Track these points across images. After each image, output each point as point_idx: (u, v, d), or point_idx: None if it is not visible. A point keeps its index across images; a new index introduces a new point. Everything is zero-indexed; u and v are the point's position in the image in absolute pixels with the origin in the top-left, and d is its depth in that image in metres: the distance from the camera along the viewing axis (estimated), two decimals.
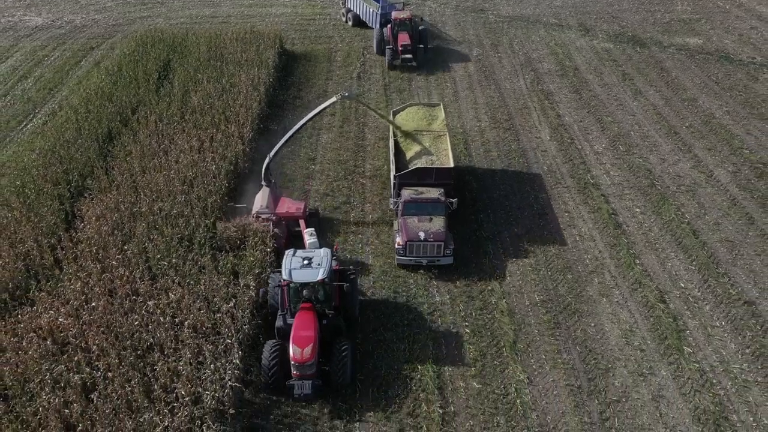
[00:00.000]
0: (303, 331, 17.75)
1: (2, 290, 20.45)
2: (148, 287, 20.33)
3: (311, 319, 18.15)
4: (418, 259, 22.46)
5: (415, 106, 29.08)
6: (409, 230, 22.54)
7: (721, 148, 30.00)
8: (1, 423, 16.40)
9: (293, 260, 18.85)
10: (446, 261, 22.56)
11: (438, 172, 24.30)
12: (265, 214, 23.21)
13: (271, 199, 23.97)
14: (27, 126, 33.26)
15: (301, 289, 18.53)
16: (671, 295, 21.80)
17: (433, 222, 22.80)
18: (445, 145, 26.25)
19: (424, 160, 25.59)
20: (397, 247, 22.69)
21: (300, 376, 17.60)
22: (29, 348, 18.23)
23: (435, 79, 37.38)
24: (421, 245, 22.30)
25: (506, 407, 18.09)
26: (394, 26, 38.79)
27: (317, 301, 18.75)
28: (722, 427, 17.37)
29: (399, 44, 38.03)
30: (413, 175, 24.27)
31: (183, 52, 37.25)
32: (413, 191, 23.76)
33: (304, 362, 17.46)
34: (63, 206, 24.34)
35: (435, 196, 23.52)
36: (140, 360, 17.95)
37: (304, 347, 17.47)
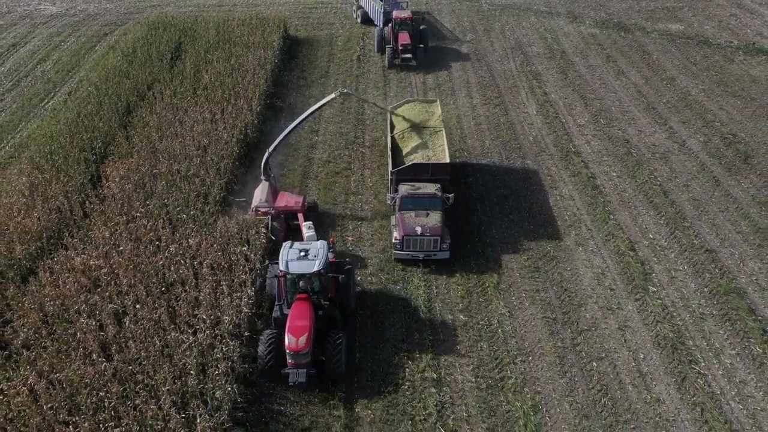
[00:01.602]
0: (298, 321, 18.18)
1: (39, 238, 22.81)
2: (169, 235, 22.68)
3: (307, 309, 18.57)
4: (414, 253, 22.73)
5: (412, 102, 29.42)
6: (405, 225, 22.80)
7: (695, 122, 32.35)
8: (44, 343, 18.72)
9: (290, 252, 19.20)
10: (442, 255, 22.87)
11: (434, 167, 24.62)
12: (264, 208, 23.57)
13: (270, 193, 24.26)
14: (48, 103, 35.58)
15: (298, 280, 18.91)
16: (640, 244, 24.14)
17: (430, 217, 23.07)
18: (441, 140, 26.56)
19: (421, 155, 25.92)
20: (394, 241, 23.01)
21: (295, 365, 18.03)
22: (66, 284, 20.58)
23: (429, 61, 39.58)
24: (417, 240, 22.55)
25: (489, 335, 20.45)
26: (395, 25, 39.06)
27: (313, 292, 19.07)
28: (679, 350, 19.69)
29: (399, 43, 38.31)
30: (410, 170, 24.52)
31: (193, 36, 39.62)
32: (410, 187, 24.00)
33: (298, 351, 17.86)
34: (89, 169, 26.68)
35: (432, 191, 23.76)
36: (165, 293, 20.29)
37: (299, 336, 17.88)
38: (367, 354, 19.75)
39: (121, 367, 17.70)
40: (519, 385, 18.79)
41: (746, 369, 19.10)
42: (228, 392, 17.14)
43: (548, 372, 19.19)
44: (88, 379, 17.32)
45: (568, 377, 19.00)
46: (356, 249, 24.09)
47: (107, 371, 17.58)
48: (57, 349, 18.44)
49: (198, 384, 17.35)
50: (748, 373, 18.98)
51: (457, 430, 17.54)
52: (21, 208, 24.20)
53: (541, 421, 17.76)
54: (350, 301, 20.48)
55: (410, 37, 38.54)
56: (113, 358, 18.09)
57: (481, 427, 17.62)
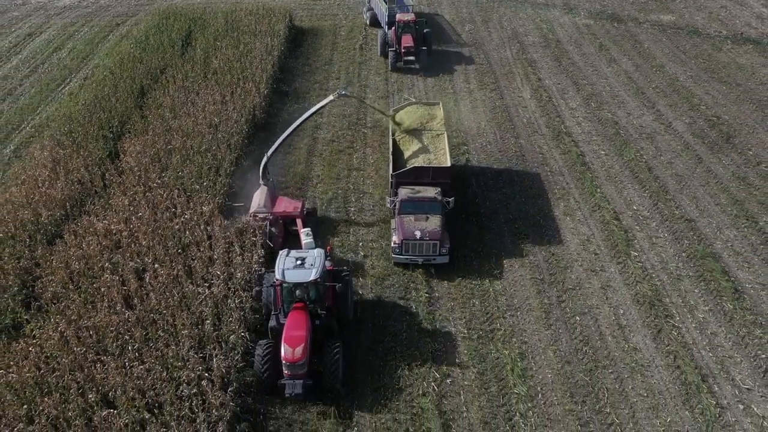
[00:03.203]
0: (294, 331, 17.84)
1: (63, 206, 24.51)
2: (184, 203, 24.35)
3: (303, 319, 18.21)
4: (413, 257, 22.53)
5: (414, 104, 29.03)
6: (405, 229, 22.58)
7: (681, 105, 33.93)
8: (72, 296, 20.41)
9: (287, 260, 18.89)
10: (442, 260, 22.56)
11: (435, 171, 24.33)
12: (262, 213, 23.33)
13: (268, 197, 24.04)
14: (65, 88, 37.26)
15: (294, 289, 18.56)
16: (624, 215, 25.75)
17: (430, 221, 22.84)
18: (443, 144, 26.35)
19: (422, 159, 25.77)
20: (393, 245, 22.78)
21: (291, 376, 17.67)
22: (90, 245, 22.27)
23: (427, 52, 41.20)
24: (417, 244, 22.34)
25: (481, 293, 22.10)
26: (398, 28, 38.55)
27: (310, 301, 18.71)
28: (656, 306, 21.32)
29: (402, 46, 37.96)
30: (410, 174, 24.25)
31: (203, 25, 41.34)
32: (410, 190, 23.74)
33: (295, 362, 17.54)
34: (107, 145, 28.38)
35: (432, 195, 23.49)
36: (181, 253, 21.96)
37: (295, 347, 17.55)
38: (365, 364, 19.35)
39: (144, 315, 19.40)
40: (507, 336, 20.44)
41: (717, 323, 20.72)
42: (241, 337, 18.83)
43: (535, 325, 20.83)
44: (113, 325, 19.03)
45: (552, 329, 20.64)
46: (355, 253, 23.85)
47: (130, 319, 19.28)
48: (83, 301, 20.14)
49: (213, 330, 19.04)
50: (719, 326, 20.59)
51: (449, 373, 19.20)
52: (45, 180, 25.90)
53: (527, 366, 19.40)
54: (348, 310, 20.02)
55: (413, 40, 38.15)
56: (136, 308, 19.79)
57: (472, 371, 19.28)
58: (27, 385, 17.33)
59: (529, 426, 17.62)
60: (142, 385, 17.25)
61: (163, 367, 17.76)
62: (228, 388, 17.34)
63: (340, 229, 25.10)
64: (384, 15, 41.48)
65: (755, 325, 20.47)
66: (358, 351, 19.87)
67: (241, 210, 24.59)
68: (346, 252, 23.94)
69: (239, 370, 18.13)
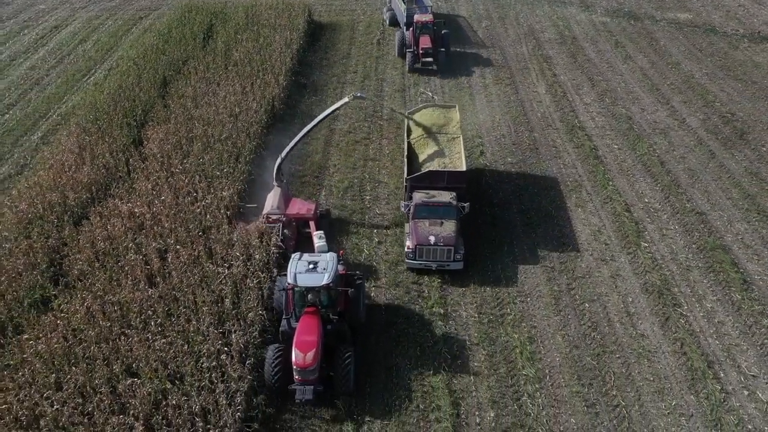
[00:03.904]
0: (306, 336, 17.69)
1: (89, 189, 25.39)
2: (205, 188, 25.11)
3: (315, 323, 18.05)
4: (427, 263, 22.20)
5: (430, 107, 28.63)
6: (419, 234, 22.26)
7: (696, 102, 34.12)
8: (97, 274, 21.24)
9: (299, 264, 18.67)
10: (456, 266, 22.23)
11: (450, 175, 24.04)
12: (275, 215, 23.17)
13: (282, 199, 23.84)
14: (90, 78, 38.26)
15: (306, 293, 18.39)
16: (636, 207, 26.11)
17: (444, 226, 22.48)
18: (458, 147, 26.05)
19: (437, 162, 25.43)
20: (406, 250, 22.49)
21: (302, 381, 17.51)
22: (114, 227, 23.11)
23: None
24: (431, 249, 21.98)
25: (492, 279, 22.60)
26: (416, 29, 38.09)
27: (322, 305, 18.54)
28: (665, 296, 21.69)
29: (420, 47, 37.62)
30: (425, 178, 23.98)
31: (224, 18, 42.19)
32: (425, 194, 23.45)
33: (306, 367, 17.35)
34: (131, 132, 29.24)
35: (447, 199, 23.14)
36: (202, 235, 22.72)
37: (307, 352, 17.38)
38: (377, 370, 19.16)
39: (166, 292, 20.17)
40: (517, 320, 20.95)
41: (725, 312, 21.06)
42: (259, 314, 19.52)
43: (544, 311, 21.31)
44: (137, 301, 19.82)
45: (562, 315, 21.11)
46: (367, 257, 23.59)
47: (153, 296, 20.06)
48: (108, 278, 20.95)
49: (233, 308, 19.75)
50: (727, 315, 20.93)
51: (459, 354, 19.74)
52: (72, 165, 26.80)
53: (535, 349, 19.89)
54: (360, 315, 19.74)
55: (431, 41, 37.80)
56: (158, 286, 20.56)
57: (481, 353, 19.81)
58: (56, 355, 18.16)
59: (536, 406, 18.11)
60: (165, 357, 18.02)
61: (184, 341, 18.51)
62: (246, 362, 18.04)
63: (353, 231, 24.84)
64: (403, 15, 41.21)
65: (762, 315, 20.77)
66: (371, 333, 20.41)
67: (254, 211, 24.38)
68: (358, 255, 23.62)
69: (257, 346, 18.82)
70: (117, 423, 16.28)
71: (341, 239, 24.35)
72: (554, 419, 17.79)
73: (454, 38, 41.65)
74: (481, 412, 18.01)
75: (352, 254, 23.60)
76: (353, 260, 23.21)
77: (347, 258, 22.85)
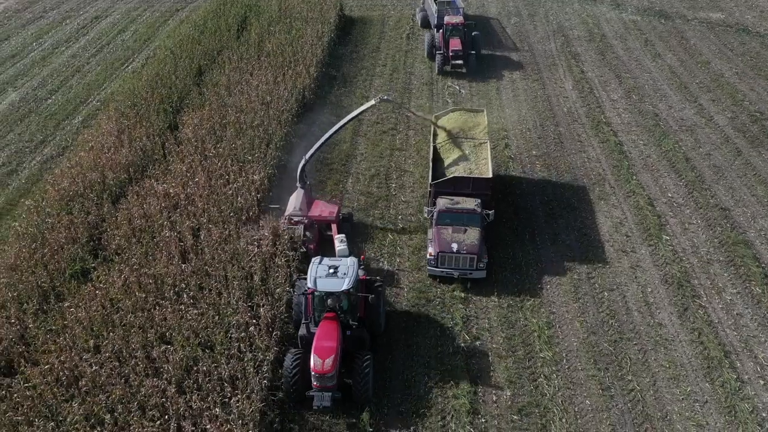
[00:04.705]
0: (325, 342, 17.48)
1: (126, 170, 26.53)
2: (237, 172, 26.04)
3: (334, 329, 17.85)
4: (449, 270, 21.74)
5: (457, 111, 28.44)
6: (441, 241, 21.84)
7: (724, 100, 34.06)
8: (133, 249, 22.29)
9: (319, 268, 18.50)
10: (479, 275, 21.73)
11: (475, 182, 23.54)
12: (297, 217, 23.08)
13: (304, 201, 23.72)
14: (128, 67, 39.66)
15: (326, 298, 18.18)
16: (659, 201, 26.33)
17: (468, 234, 22.03)
18: (485, 153, 25.58)
19: (462, 168, 25.01)
20: (428, 257, 22.03)
21: (320, 388, 17.28)
22: (150, 205, 24.16)
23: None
24: (453, 257, 21.55)
25: (512, 266, 23.08)
26: (446, 31, 37.73)
27: (341, 311, 18.31)
28: (684, 287, 21.94)
29: (450, 50, 37.29)
30: (449, 183, 23.57)
31: (258, 11, 43.27)
32: (449, 200, 23.02)
33: (324, 373, 17.12)
34: (167, 117, 30.39)
35: (471, 206, 22.66)
36: (234, 215, 23.63)
37: (326, 358, 17.16)
38: (396, 377, 18.91)
39: (198, 267, 21.11)
40: (536, 306, 21.42)
41: (744, 305, 21.24)
42: (286, 290, 20.34)
43: (563, 298, 21.74)
44: (171, 275, 20.79)
45: (580, 302, 21.52)
46: (389, 262, 23.30)
47: (186, 270, 21.02)
48: (144, 253, 21.99)
49: (261, 284, 20.61)
50: (746, 308, 21.12)
51: (479, 336, 20.30)
52: (111, 147, 27.99)
53: (553, 334, 20.35)
54: (380, 321, 19.54)
55: (461, 44, 37.37)
56: (191, 261, 21.52)
57: (500, 336, 20.34)
58: (94, 321, 19.21)
59: (552, 387, 18.58)
60: (196, 327, 18.93)
61: (215, 313, 19.42)
62: (273, 334, 18.86)
63: (375, 235, 24.53)
64: (434, 16, 40.66)
65: None
66: (390, 316, 20.97)
67: (276, 212, 24.17)
68: (379, 260, 23.35)
69: (284, 320, 19.63)
70: (151, 385, 17.20)
71: (362, 243, 24.02)
72: (569, 400, 18.25)
73: (482, 35, 42.04)
74: (498, 391, 18.56)
75: (373, 259, 23.30)
76: (374, 265, 22.96)
77: (368, 262, 22.53)
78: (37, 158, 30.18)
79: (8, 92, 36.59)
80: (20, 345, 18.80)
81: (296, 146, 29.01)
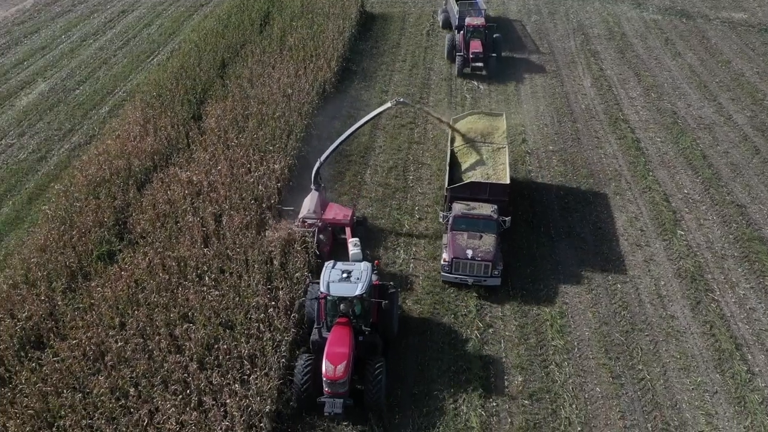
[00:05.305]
0: (337, 348, 17.28)
1: (151, 157, 27.32)
2: (258, 161, 26.69)
3: (347, 335, 17.65)
4: (463, 277, 21.53)
5: (476, 114, 28.23)
6: (456, 247, 21.58)
7: (744, 99, 34.01)
8: (158, 233, 23.02)
9: (332, 273, 18.25)
10: (493, 282, 21.49)
11: (492, 187, 23.26)
12: (311, 219, 22.97)
13: (318, 203, 23.54)
14: (153, 60, 40.56)
15: (338, 303, 17.95)
16: (675, 197, 26.48)
17: (483, 240, 21.75)
18: (503, 159, 25.28)
19: (479, 173, 24.72)
20: (442, 263, 21.80)
21: (331, 394, 17.12)
22: (174, 191, 24.89)
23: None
24: (467, 263, 21.28)
25: (527, 257, 23.41)
26: (467, 33, 37.36)
27: (354, 316, 18.13)
28: (697, 281, 22.13)
29: (470, 52, 36.82)
30: (466, 188, 23.30)
31: (280, 6, 44.00)
32: (465, 206, 22.68)
33: (336, 380, 16.94)
34: (191, 108, 31.15)
35: (487, 212, 22.32)
36: (254, 202, 24.27)
37: (338, 364, 16.97)
38: (409, 384, 18.68)
39: (220, 251, 21.77)
40: (549, 296, 21.74)
41: (758, 299, 21.38)
42: (305, 274, 20.92)
43: (576, 288, 22.06)
44: (193, 258, 21.48)
45: (593, 294, 21.81)
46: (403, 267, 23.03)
47: (208, 253, 21.69)
48: (168, 237, 22.70)
49: (281, 268, 21.20)
50: (759, 302, 21.27)
51: (492, 324, 20.69)
52: (137, 135, 28.80)
53: (566, 323, 20.69)
54: (393, 327, 19.29)
55: (482, 46, 36.96)
56: (213, 245, 22.19)
57: (513, 324, 20.72)
58: (120, 300, 19.94)
59: (563, 374, 18.93)
60: (217, 307, 19.57)
61: (235, 294, 20.05)
62: (291, 316, 19.43)
63: (389, 239, 24.32)
64: (455, 18, 40.51)
65: None
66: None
67: (290, 214, 24.00)
68: (393, 265, 23.08)
69: (302, 304, 20.19)
70: (173, 361, 17.86)
71: (376, 247, 23.77)
72: (580, 387, 18.58)
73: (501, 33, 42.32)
74: (510, 377, 18.95)
75: (386, 263, 23.06)
76: (387, 270, 22.69)
77: (381, 267, 22.16)
78: (66, 146, 31.11)
79: (38, 82, 37.66)
80: (50, 321, 19.58)
81: (316, 138, 29.62)
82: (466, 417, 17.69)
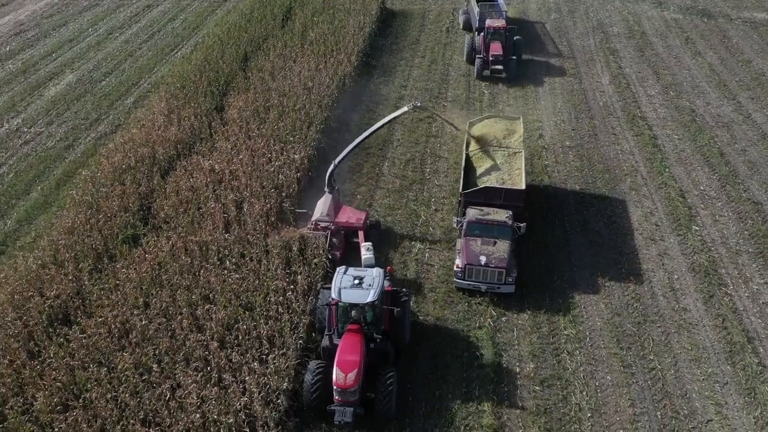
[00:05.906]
0: (348, 355, 16.98)
1: (175, 146, 28.05)
2: (278, 151, 27.28)
3: (358, 342, 17.32)
4: (476, 284, 21.17)
5: (493, 118, 27.96)
6: (469, 253, 21.22)
7: (764, 98, 33.92)
8: (180, 218, 23.70)
9: (344, 278, 17.97)
10: (507, 289, 21.09)
11: (507, 193, 22.81)
12: (324, 222, 22.77)
13: (332, 206, 23.28)
14: (177, 53, 41.40)
15: (350, 309, 17.64)
16: (690, 193, 26.60)
17: (497, 246, 21.36)
18: (519, 164, 24.80)
19: (494, 177, 24.30)
20: (456, 269, 21.47)
21: (342, 402, 16.82)
22: (197, 179, 25.57)
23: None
24: (481, 270, 20.91)
25: (540, 249, 23.72)
26: (487, 35, 36.94)
27: (365, 323, 17.80)
28: (711, 275, 22.29)
29: (490, 54, 36.34)
30: (480, 194, 22.90)
31: (302, 2, 44.65)
32: (479, 211, 22.29)
33: (347, 388, 16.65)
34: (214, 99, 31.87)
35: (502, 218, 21.93)
36: (275, 190, 24.86)
37: (348, 372, 16.67)
38: (420, 393, 18.39)
39: (241, 236, 22.38)
40: (563, 287, 22.04)
41: None
42: (323, 261, 21.45)
43: (589, 279, 22.33)
44: (215, 242, 22.11)
45: (606, 285, 22.11)
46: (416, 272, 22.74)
47: (229, 238, 22.32)
48: (190, 222, 23.36)
49: (299, 254, 21.75)
50: None
51: (505, 312, 21.04)
52: (161, 125, 29.56)
53: (578, 313, 20.99)
54: (404, 334, 18.99)
55: (502, 48, 36.47)
56: (234, 230, 22.81)
57: (526, 312, 21.05)
58: (144, 281, 20.63)
59: (574, 362, 19.25)
60: (237, 290, 20.18)
61: (255, 277, 20.64)
62: (308, 300, 19.97)
63: (402, 243, 24.02)
64: (476, 19, 39.99)
65: None
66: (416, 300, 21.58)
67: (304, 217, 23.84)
68: (405, 270, 22.81)
69: (319, 289, 20.71)
70: (195, 340, 18.49)
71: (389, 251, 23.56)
72: (591, 375, 18.89)
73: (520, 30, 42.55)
74: (522, 364, 19.30)
75: (398, 268, 22.81)
76: (400, 275, 22.45)
77: (394, 274, 21.95)
78: (92, 135, 31.99)
79: (66, 74, 38.66)
80: (77, 299, 20.33)
81: (335, 130, 30.16)
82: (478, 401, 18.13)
